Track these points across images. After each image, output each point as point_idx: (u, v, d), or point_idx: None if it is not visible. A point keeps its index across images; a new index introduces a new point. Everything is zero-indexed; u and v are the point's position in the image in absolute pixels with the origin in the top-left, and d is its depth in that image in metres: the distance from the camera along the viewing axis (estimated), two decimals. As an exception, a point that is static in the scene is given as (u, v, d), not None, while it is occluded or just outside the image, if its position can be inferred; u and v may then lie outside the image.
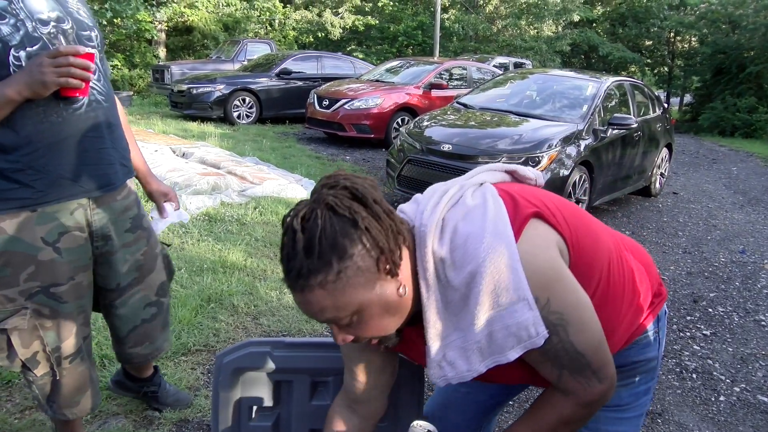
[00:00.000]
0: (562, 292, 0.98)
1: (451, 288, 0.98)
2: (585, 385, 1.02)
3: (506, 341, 0.97)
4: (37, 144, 1.49)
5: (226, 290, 3.37)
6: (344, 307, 0.92)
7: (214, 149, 7.16)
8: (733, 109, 16.46)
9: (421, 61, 10.85)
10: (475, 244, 0.96)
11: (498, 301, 0.95)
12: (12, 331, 1.58)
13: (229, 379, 1.37)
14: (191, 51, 18.66)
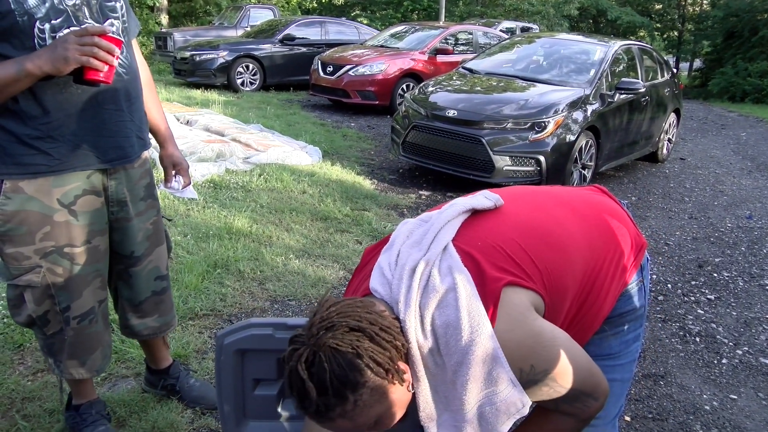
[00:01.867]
0: (543, 353, 1.03)
1: (441, 372, 1.04)
2: (582, 408, 1.08)
3: (496, 418, 1.02)
4: (56, 113, 1.51)
5: (232, 256, 3.40)
6: (365, 423, 0.98)
7: (218, 116, 7.13)
8: (744, 73, 16.19)
9: (426, 26, 10.68)
10: (455, 335, 1.00)
11: (483, 386, 1.01)
12: (25, 288, 1.63)
13: (231, 358, 1.37)
14: (194, 17, 18.42)
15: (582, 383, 1.06)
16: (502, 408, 1.02)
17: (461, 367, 1.00)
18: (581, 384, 1.05)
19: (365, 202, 4.74)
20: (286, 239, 3.81)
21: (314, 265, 3.48)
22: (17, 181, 1.55)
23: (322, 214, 4.31)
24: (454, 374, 1.02)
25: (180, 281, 3.02)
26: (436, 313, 1.02)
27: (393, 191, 5.25)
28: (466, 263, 1.05)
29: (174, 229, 3.71)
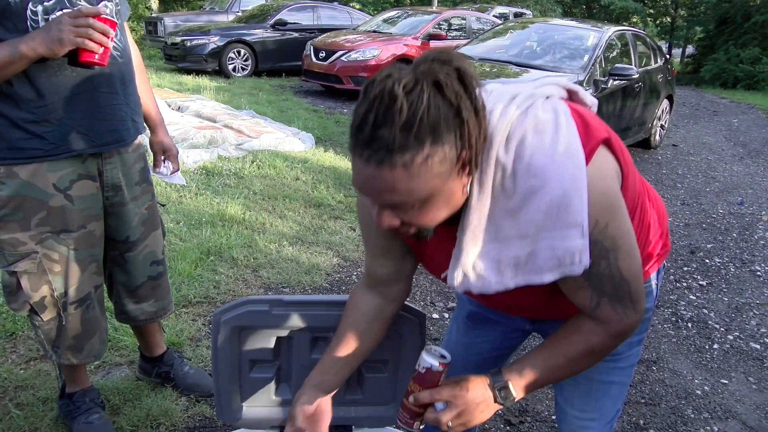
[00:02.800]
0: (620, 219, 0.95)
1: (505, 197, 0.92)
2: (621, 315, 0.99)
3: (546, 263, 0.92)
4: (51, 97, 1.50)
5: (226, 243, 3.38)
6: (415, 192, 0.84)
7: (210, 102, 7.07)
8: (736, 60, 16.22)
9: (419, 11, 10.61)
10: (542, 159, 0.89)
11: (552, 220, 0.90)
12: (22, 275, 1.62)
13: (228, 337, 1.36)
14: (184, 2, 18.20)
15: (635, 281, 0.98)
16: (558, 252, 0.91)
17: (535, 195, 0.89)
18: (634, 281, 0.98)
19: (358, 189, 4.72)
20: (279, 226, 3.80)
21: (308, 252, 3.48)
22: (12, 166, 1.53)
23: (316, 201, 4.30)
24: (523, 201, 0.90)
25: (173, 269, 3.01)
26: (530, 135, 0.91)
27: (386, 178, 5.23)
28: (572, 116, 0.96)
29: (166, 216, 3.69)
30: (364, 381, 1.44)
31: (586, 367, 1.07)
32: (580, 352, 1.03)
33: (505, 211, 0.93)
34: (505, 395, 1.03)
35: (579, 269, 0.92)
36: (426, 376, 1.06)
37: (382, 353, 1.38)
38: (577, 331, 1.03)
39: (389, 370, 1.43)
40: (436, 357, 1.07)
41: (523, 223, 0.92)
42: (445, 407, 1.02)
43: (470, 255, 0.97)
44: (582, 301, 1.00)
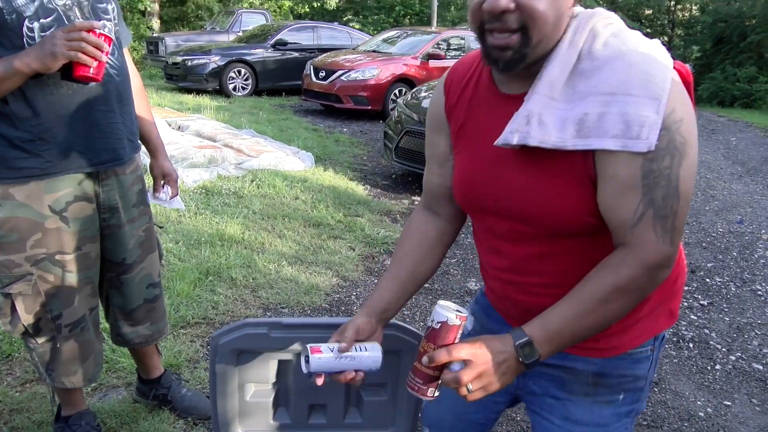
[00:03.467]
0: (693, 127, 0.92)
1: (590, 57, 0.94)
2: (658, 240, 0.92)
3: (613, 127, 0.90)
4: (46, 115, 1.50)
5: (224, 263, 3.37)
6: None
7: (210, 122, 7.10)
8: (733, 78, 16.31)
9: (418, 31, 10.70)
10: (636, 39, 0.94)
11: (631, 85, 0.89)
12: (16, 296, 1.61)
13: (226, 360, 1.35)
14: (185, 22, 18.39)
15: (684, 203, 0.92)
16: (627, 119, 0.89)
17: (621, 58, 0.91)
18: (684, 200, 0.92)
19: (358, 208, 4.73)
20: (278, 246, 3.79)
21: (307, 272, 3.46)
22: (8, 187, 1.53)
23: (315, 221, 4.29)
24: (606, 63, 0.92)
25: (171, 289, 3.00)
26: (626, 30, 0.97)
27: (386, 197, 5.24)
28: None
29: (165, 236, 3.68)
30: (363, 405, 1.43)
31: (617, 313, 0.96)
32: (609, 289, 0.94)
33: (586, 74, 0.93)
34: (529, 352, 0.94)
35: (643, 145, 0.89)
36: (440, 332, 0.95)
37: (381, 376, 1.37)
38: (605, 265, 0.96)
39: (388, 394, 1.42)
40: (451, 310, 0.96)
41: (600, 82, 0.92)
42: (463, 367, 0.92)
43: (540, 103, 0.95)
44: (626, 210, 0.93)
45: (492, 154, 1.03)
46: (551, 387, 1.16)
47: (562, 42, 0.96)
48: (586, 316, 0.95)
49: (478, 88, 1.10)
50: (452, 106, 1.14)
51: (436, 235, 1.24)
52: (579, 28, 0.96)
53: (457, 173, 1.14)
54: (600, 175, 0.93)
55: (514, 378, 0.96)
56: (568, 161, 0.95)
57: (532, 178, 0.99)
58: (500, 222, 1.08)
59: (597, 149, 0.91)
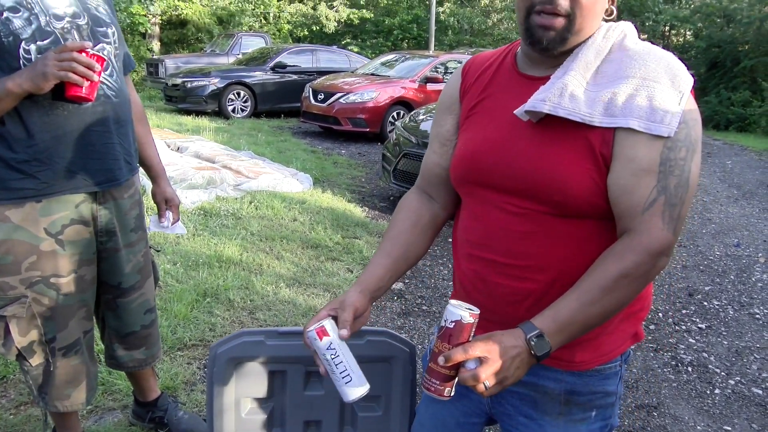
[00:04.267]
0: (700, 135, 1.01)
1: (621, 49, 1.03)
2: (663, 227, 0.97)
3: (639, 108, 0.96)
4: (42, 136, 1.50)
5: (222, 285, 3.36)
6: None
7: (209, 143, 7.13)
8: (728, 102, 16.49)
9: (416, 55, 10.82)
10: (662, 50, 1.02)
11: (659, 74, 0.98)
12: (11, 319, 1.60)
13: (224, 369, 1.36)
14: (185, 44, 18.56)
15: (690, 194, 0.99)
16: (654, 103, 0.96)
17: (650, 53, 1.01)
18: (690, 192, 0.99)
19: (356, 230, 4.74)
20: (276, 267, 3.79)
21: (305, 293, 3.45)
22: (4, 209, 1.53)
23: (313, 242, 4.30)
24: (636, 54, 1.01)
25: (169, 310, 2.99)
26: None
27: (384, 219, 5.24)
28: None
29: (163, 257, 3.68)
30: (358, 420, 1.43)
31: (623, 300, 1.00)
32: (614, 276, 0.97)
33: (616, 62, 1.02)
34: (540, 345, 0.96)
35: (665, 130, 0.96)
36: (455, 331, 0.96)
37: (374, 388, 1.37)
38: (610, 253, 0.99)
39: (382, 408, 1.42)
40: (463, 308, 0.97)
41: (629, 68, 1.00)
42: (479, 365, 0.93)
43: (575, 80, 1.01)
44: (640, 194, 0.97)
45: (506, 126, 1.08)
46: (523, 406, 1.17)
47: (597, 34, 1.05)
48: (594, 306, 0.98)
49: (498, 72, 1.15)
50: (468, 87, 1.19)
51: (430, 218, 1.26)
52: (611, 28, 1.06)
53: (460, 147, 1.17)
54: (617, 156, 0.98)
55: (526, 371, 0.98)
56: (586, 138, 0.99)
57: (547, 149, 1.02)
58: (498, 196, 1.09)
59: (621, 127, 0.97)
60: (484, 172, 1.10)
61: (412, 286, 3.83)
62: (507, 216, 1.08)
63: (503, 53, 1.18)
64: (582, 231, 1.04)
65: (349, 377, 1.06)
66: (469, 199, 1.18)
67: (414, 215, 1.25)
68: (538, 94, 1.02)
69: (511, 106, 1.06)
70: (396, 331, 3.14)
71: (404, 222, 1.24)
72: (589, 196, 1.00)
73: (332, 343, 1.06)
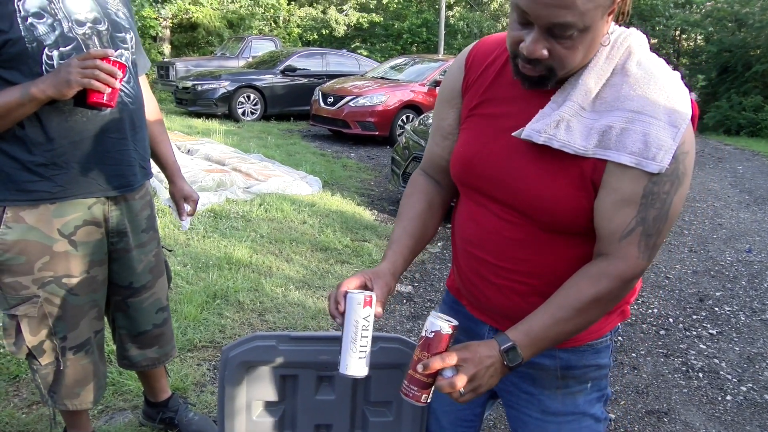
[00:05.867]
0: (692, 164, 1.01)
1: (623, 73, 1.01)
2: (639, 256, 1.01)
3: (633, 144, 0.97)
4: (60, 140, 1.52)
5: (232, 287, 3.38)
6: (585, 16, 0.92)
7: (219, 146, 7.17)
8: (739, 107, 16.37)
9: (425, 59, 10.83)
10: (664, 66, 1.01)
11: (657, 108, 0.97)
12: (22, 318, 1.61)
13: (235, 373, 1.37)
14: (196, 48, 18.67)
15: (669, 225, 1.01)
16: (648, 139, 0.96)
17: (653, 80, 0.99)
18: (669, 223, 1.01)
19: (365, 233, 4.74)
20: (286, 270, 3.80)
21: (314, 296, 3.46)
22: (18, 210, 1.54)
23: (322, 245, 4.31)
24: (637, 82, 0.99)
25: (179, 312, 3.00)
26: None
27: (393, 222, 5.24)
28: None
29: (173, 258, 3.70)
30: (369, 426, 1.43)
31: (591, 320, 1.06)
32: (588, 299, 1.02)
33: (616, 88, 1.00)
34: (513, 357, 1.02)
35: (656, 167, 0.96)
36: (434, 341, 1.02)
37: (385, 393, 1.38)
38: (586, 275, 1.04)
39: (394, 414, 1.42)
40: (443, 320, 1.03)
41: (628, 99, 0.99)
42: (455, 373, 0.99)
43: (572, 110, 1.01)
44: (619, 222, 1.00)
45: (504, 139, 1.08)
46: (522, 383, 1.23)
47: (600, 55, 1.02)
48: (565, 323, 1.03)
49: (502, 73, 1.13)
50: (470, 83, 1.18)
51: (441, 201, 1.29)
52: (616, 44, 1.02)
53: (460, 147, 1.18)
54: (604, 184, 1.01)
55: (499, 379, 1.04)
56: (579, 165, 1.01)
57: (540, 171, 1.04)
58: (492, 203, 1.13)
59: (613, 161, 0.98)
60: (480, 179, 1.13)
61: (421, 290, 3.83)
62: (500, 222, 1.12)
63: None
64: (571, 244, 1.09)
65: (364, 354, 1.07)
66: (467, 198, 1.21)
67: (428, 196, 1.28)
68: (535, 123, 1.03)
69: (512, 117, 1.08)
70: (405, 334, 3.14)
71: (421, 202, 1.27)
72: (575, 219, 1.05)
73: (370, 316, 1.07)
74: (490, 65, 1.15)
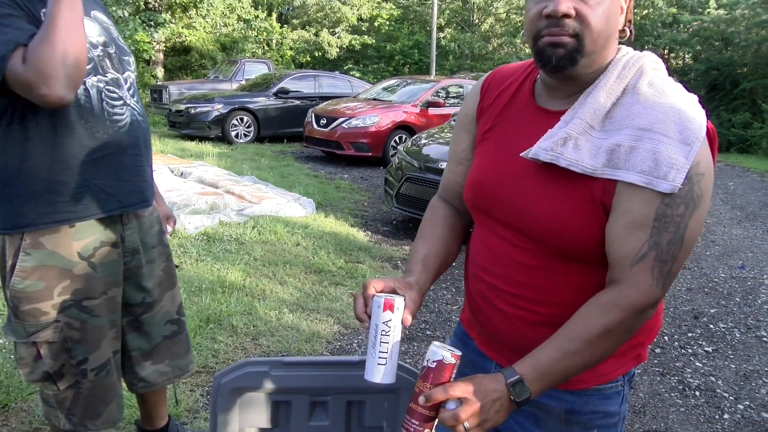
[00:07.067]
0: (710, 185, 0.97)
1: (634, 92, 0.99)
2: (652, 283, 0.96)
3: (642, 163, 0.93)
4: (82, 158, 1.55)
5: (225, 310, 3.35)
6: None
7: (212, 168, 7.17)
8: (728, 124, 16.57)
9: (417, 80, 10.92)
10: (678, 87, 0.99)
11: (668, 125, 0.94)
12: (42, 344, 1.60)
13: (227, 399, 1.36)
14: (189, 71, 18.77)
15: (686, 251, 0.96)
16: (657, 158, 0.92)
17: (663, 97, 0.97)
18: (685, 250, 0.96)
19: (359, 254, 4.73)
20: (279, 292, 3.78)
21: (308, 319, 3.44)
22: (38, 235, 1.54)
23: (316, 267, 4.29)
24: (650, 99, 0.97)
25: (172, 337, 2.97)
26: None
27: (387, 243, 5.24)
28: None
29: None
30: None
31: (603, 353, 0.99)
32: (598, 331, 0.97)
33: (626, 107, 0.99)
34: (520, 391, 0.96)
35: (667, 186, 0.92)
36: (436, 371, 0.96)
37: (379, 418, 1.36)
38: (596, 305, 0.99)
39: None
40: (446, 349, 0.98)
41: (638, 117, 0.96)
42: (460, 405, 0.93)
43: (580, 128, 1.00)
44: (631, 246, 0.96)
45: (514, 161, 1.06)
46: (527, 422, 1.17)
47: (611, 73, 1.01)
48: (574, 356, 0.97)
49: (515, 97, 1.14)
50: (485, 108, 1.18)
51: (461, 226, 1.28)
52: (629, 64, 1.02)
53: (473, 171, 1.17)
54: (615, 206, 0.97)
55: (507, 416, 0.97)
56: (589, 186, 0.98)
57: (550, 193, 1.02)
58: (502, 228, 1.11)
59: (622, 181, 0.95)
60: (491, 203, 1.11)
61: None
62: (510, 247, 1.09)
63: (524, 74, 1.16)
64: (582, 272, 1.04)
65: (384, 360, 1.03)
66: (479, 223, 1.19)
67: (448, 220, 1.26)
68: (543, 142, 1.01)
69: (523, 139, 1.06)
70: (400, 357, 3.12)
71: (442, 226, 1.25)
72: (586, 243, 1.01)
73: (391, 321, 1.02)
74: (504, 90, 1.16)
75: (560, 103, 1.06)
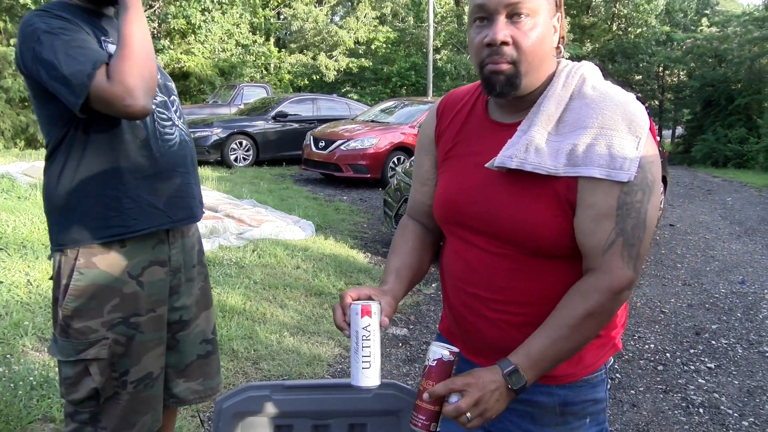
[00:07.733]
0: (659, 169, 1.06)
1: (580, 97, 1.08)
2: (623, 267, 1.05)
3: (600, 157, 1.03)
4: (136, 175, 1.60)
5: (226, 335, 3.35)
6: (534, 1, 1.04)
7: (212, 192, 7.20)
8: (725, 140, 16.68)
9: (415, 101, 11.01)
10: (617, 87, 1.09)
11: (616, 121, 1.04)
12: (91, 362, 1.61)
13: (229, 424, 1.36)
14: (188, 96, 18.91)
15: (649, 232, 1.05)
16: (612, 151, 1.02)
17: (608, 97, 1.06)
18: (648, 231, 1.05)
19: (359, 276, 4.73)
20: (280, 316, 3.77)
21: (309, 342, 3.43)
22: (91, 255, 1.58)
23: (317, 289, 4.29)
24: (597, 100, 1.06)
25: (172, 363, 2.96)
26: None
27: (387, 264, 5.24)
28: None
29: (167, 308, 3.67)
30: None
31: (590, 335, 1.08)
32: (581, 315, 1.05)
33: (576, 111, 1.08)
34: (516, 379, 1.04)
35: (625, 176, 1.02)
36: (437, 368, 1.05)
37: None
38: (577, 292, 1.07)
39: None
40: (444, 347, 1.06)
41: (589, 118, 1.05)
42: (461, 398, 1.01)
43: (538, 134, 1.08)
44: (600, 236, 1.04)
45: (480, 173, 1.14)
46: (523, 422, 1.22)
47: (556, 83, 1.11)
48: (563, 342, 1.06)
49: (471, 116, 1.22)
50: (442, 131, 1.26)
51: (430, 241, 1.34)
52: (571, 73, 1.12)
53: (440, 191, 1.24)
54: (579, 202, 1.05)
55: (506, 404, 1.05)
56: (553, 187, 1.07)
57: (517, 198, 1.10)
58: (478, 237, 1.16)
59: (584, 176, 1.04)
60: (463, 216, 1.18)
61: (417, 332, 3.80)
62: (487, 255, 1.15)
63: (474, 94, 1.24)
64: (560, 268, 1.12)
65: (368, 364, 1.09)
66: (452, 237, 1.25)
67: (418, 235, 1.33)
68: (506, 150, 1.09)
69: (484, 153, 1.14)
70: (402, 379, 3.11)
71: (413, 240, 1.32)
72: (558, 240, 1.08)
73: (370, 326, 1.08)
74: (459, 111, 1.24)
75: (514, 117, 1.14)
